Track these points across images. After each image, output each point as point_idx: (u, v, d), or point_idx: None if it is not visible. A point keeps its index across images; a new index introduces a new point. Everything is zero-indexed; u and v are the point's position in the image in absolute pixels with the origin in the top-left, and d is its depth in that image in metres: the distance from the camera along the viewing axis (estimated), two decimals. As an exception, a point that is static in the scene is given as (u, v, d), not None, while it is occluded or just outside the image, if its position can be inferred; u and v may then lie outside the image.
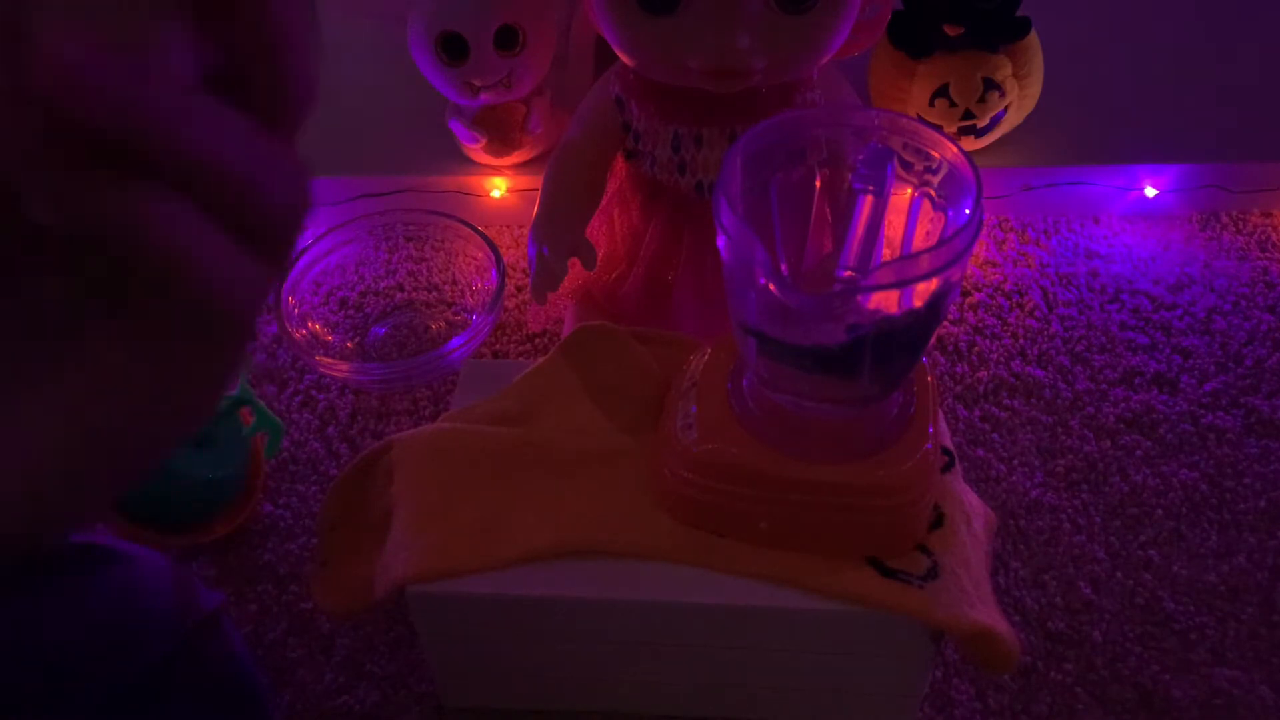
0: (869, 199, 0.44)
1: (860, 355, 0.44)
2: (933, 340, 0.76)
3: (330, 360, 0.73)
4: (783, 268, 0.41)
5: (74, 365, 0.20)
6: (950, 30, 0.82)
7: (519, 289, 0.83)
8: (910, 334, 0.43)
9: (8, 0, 0.14)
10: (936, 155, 0.43)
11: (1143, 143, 0.89)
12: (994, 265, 0.85)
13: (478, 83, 0.79)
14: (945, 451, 0.55)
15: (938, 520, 0.52)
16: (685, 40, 0.56)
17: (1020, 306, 0.82)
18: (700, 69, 0.57)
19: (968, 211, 0.41)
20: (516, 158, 0.86)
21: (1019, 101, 0.84)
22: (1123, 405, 0.75)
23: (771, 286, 0.41)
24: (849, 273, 0.45)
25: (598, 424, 0.57)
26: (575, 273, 0.70)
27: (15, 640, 0.43)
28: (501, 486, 0.54)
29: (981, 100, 0.82)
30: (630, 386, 0.58)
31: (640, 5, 0.56)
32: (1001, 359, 0.78)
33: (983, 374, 0.77)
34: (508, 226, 0.88)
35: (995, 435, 0.73)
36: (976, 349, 0.79)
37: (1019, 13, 0.82)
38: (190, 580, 0.52)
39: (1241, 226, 0.88)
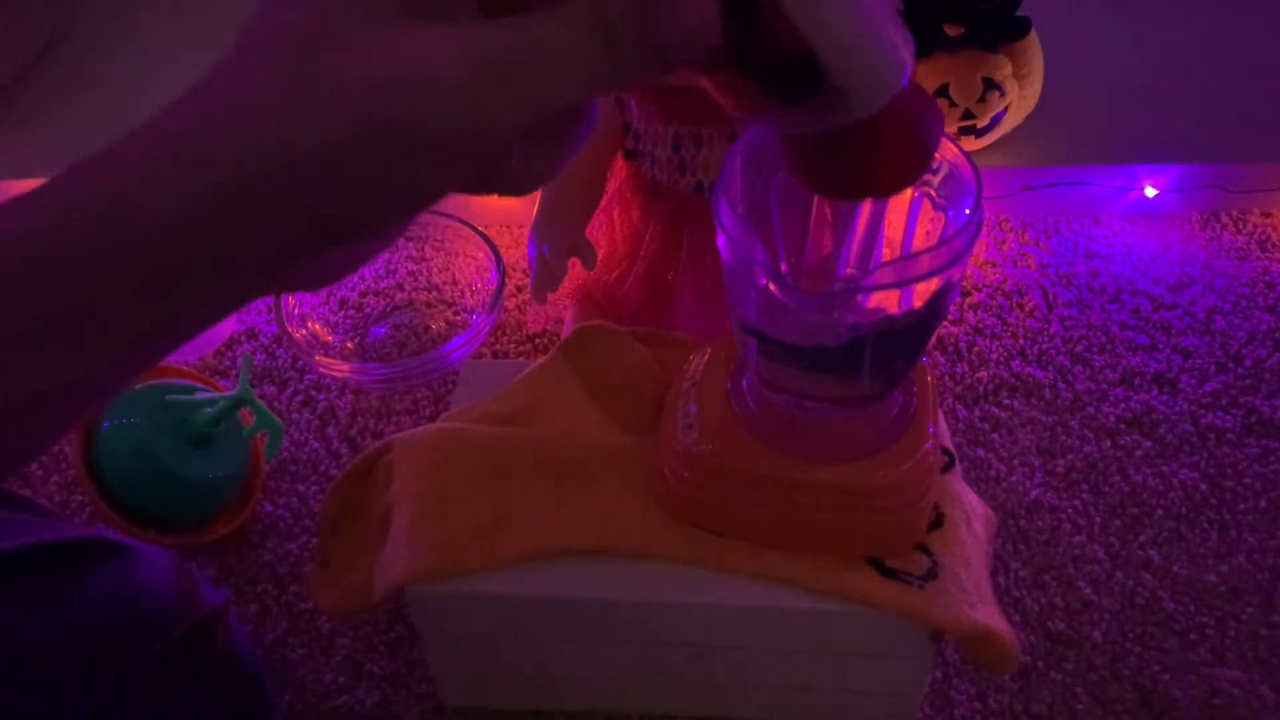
0: (869, 199, 0.44)
1: (860, 355, 0.44)
2: (933, 340, 0.76)
3: (330, 360, 0.73)
4: (783, 268, 0.41)
5: None
6: (950, 30, 0.82)
7: (519, 289, 0.83)
8: (910, 334, 0.43)
9: None
10: (937, 155, 0.43)
11: (1143, 143, 0.89)
12: (994, 265, 0.85)
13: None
14: (945, 451, 0.55)
15: (938, 520, 0.52)
16: None
17: (1020, 306, 0.82)
18: None
19: (968, 211, 0.41)
20: (517, 158, 0.86)
21: (1019, 101, 0.84)
22: (1123, 405, 0.75)
23: (771, 286, 0.41)
24: (849, 272, 0.45)
25: (598, 424, 0.57)
26: (575, 273, 0.70)
27: (18, 631, 0.43)
28: (501, 486, 0.54)
29: (981, 100, 0.82)
30: (630, 386, 0.58)
31: None
32: (1001, 359, 0.78)
33: (983, 374, 0.77)
34: (508, 226, 0.88)
35: (995, 435, 0.73)
36: (976, 349, 0.79)
37: (1019, 13, 0.82)
38: (192, 575, 0.52)
39: (1241, 226, 0.88)
